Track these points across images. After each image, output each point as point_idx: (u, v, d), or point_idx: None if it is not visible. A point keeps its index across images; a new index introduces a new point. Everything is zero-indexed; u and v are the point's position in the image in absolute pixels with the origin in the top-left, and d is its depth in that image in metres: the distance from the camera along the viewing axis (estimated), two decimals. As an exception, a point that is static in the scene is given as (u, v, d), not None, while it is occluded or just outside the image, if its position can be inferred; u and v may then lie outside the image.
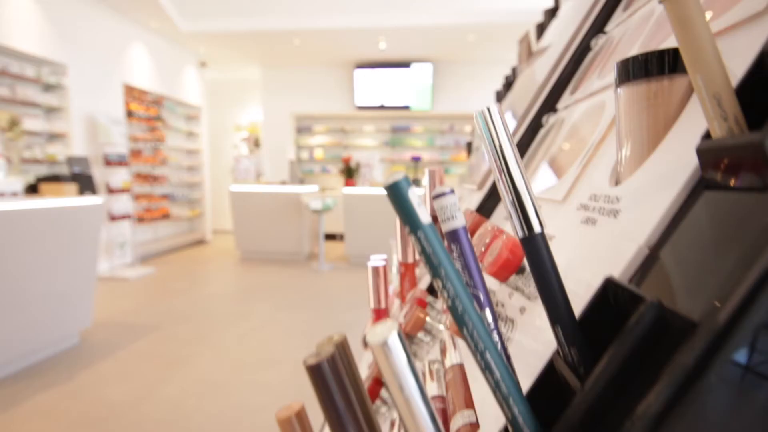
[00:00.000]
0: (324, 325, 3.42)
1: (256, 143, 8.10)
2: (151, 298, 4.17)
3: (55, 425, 2.10)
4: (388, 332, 0.11)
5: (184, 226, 7.10)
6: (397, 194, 0.13)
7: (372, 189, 5.72)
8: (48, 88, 4.54)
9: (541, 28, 0.82)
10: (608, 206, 0.21)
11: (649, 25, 0.30)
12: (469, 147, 0.85)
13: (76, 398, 2.33)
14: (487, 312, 0.17)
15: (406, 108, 7.30)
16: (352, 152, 7.95)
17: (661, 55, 0.19)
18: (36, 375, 2.57)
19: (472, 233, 0.33)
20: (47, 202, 2.67)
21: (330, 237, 7.66)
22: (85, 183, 3.12)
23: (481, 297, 0.16)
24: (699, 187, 0.16)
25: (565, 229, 0.25)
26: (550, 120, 0.42)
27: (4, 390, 2.38)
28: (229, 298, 4.23)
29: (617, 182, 0.23)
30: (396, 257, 0.51)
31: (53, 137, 4.58)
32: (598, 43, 0.42)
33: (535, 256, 0.15)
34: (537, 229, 0.15)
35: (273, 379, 2.55)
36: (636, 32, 0.33)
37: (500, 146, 0.15)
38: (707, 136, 0.16)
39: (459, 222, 0.16)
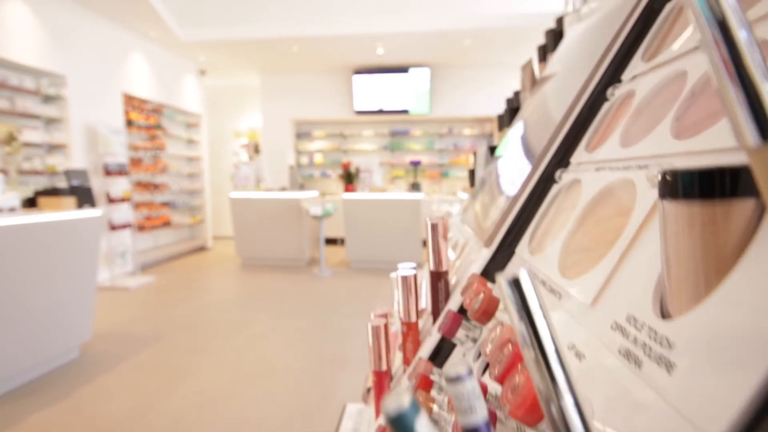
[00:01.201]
0: (325, 334, 3.39)
1: (256, 149, 8.08)
2: (151, 307, 4.15)
3: (55, 445, 2.07)
4: None
5: (185, 233, 7.08)
6: (402, 429, 0.10)
7: (372, 194, 5.69)
8: (47, 99, 4.52)
9: (543, 51, 0.79)
10: (657, 348, 0.18)
11: (683, 94, 0.27)
12: (471, 176, 0.81)
13: (76, 414, 2.30)
14: None
15: (405, 112, 7.29)
16: (352, 157, 7.93)
17: (721, 174, 0.16)
18: (35, 391, 2.54)
19: (484, 314, 0.30)
20: (45, 216, 2.65)
21: (331, 242, 7.63)
22: (83, 195, 3.09)
23: None
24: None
25: (598, 351, 0.21)
26: (563, 176, 0.39)
27: (3, 407, 2.35)
28: (229, 307, 4.20)
29: (664, 311, 0.19)
30: (397, 303, 0.47)
31: (53, 148, 4.56)
32: (615, 93, 0.38)
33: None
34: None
35: (274, 391, 2.51)
36: (665, 97, 0.29)
37: (535, 329, 0.12)
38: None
39: (480, 415, 0.12)
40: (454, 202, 5.66)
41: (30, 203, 2.95)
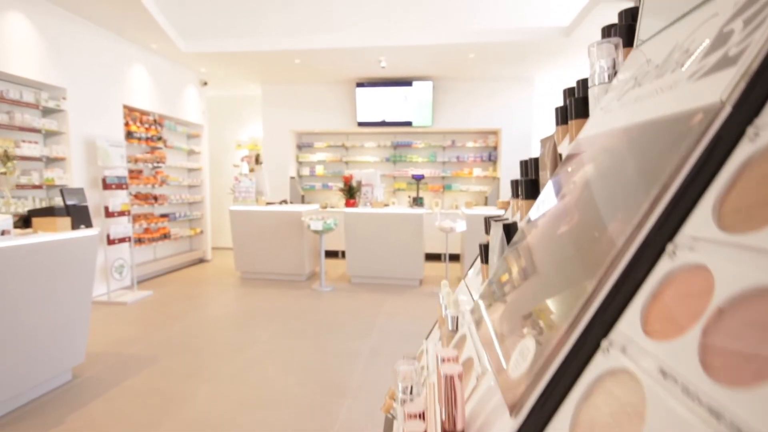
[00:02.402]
0: (325, 358, 3.31)
1: (257, 160, 8.05)
2: (147, 325, 4.07)
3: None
4: None
5: (184, 245, 7.02)
6: None
7: (373, 209, 5.63)
8: (46, 112, 4.49)
9: (564, 113, 0.73)
10: None
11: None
12: (484, 252, 0.72)
13: (65, 447, 2.23)
14: None
15: (408, 124, 7.24)
16: (354, 168, 7.89)
17: None
18: (26, 417, 2.47)
19: None
20: (39, 237, 2.59)
21: (331, 254, 7.56)
22: (79, 215, 3.03)
23: None
24: None
25: None
26: (611, 351, 0.32)
27: (-10, 438, 2.28)
28: (227, 325, 4.12)
29: None
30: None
31: (51, 161, 4.52)
32: (676, 253, 0.31)
33: None
34: None
35: (271, 422, 2.43)
36: (765, 316, 0.22)
37: None
38: None
39: None
40: (457, 218, 5.59)
41: (25, 222, 2.89)
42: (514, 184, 0.80)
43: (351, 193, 5.86)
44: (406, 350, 3.49)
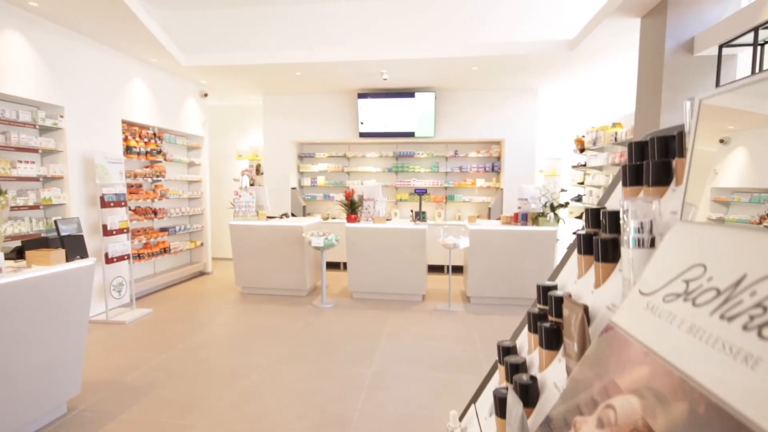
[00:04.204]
0: (326, 386, 3.23)
1: (258, 170, 7.98)
2: (145, 348, 4.00)
3: None
4: None
5: (184, 259, 6.95)
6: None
7: (375, 224, 5.55)
8: (44, 131, 4.43)
9: (587, 242, 0.64)
10: None
11: None
12: (500, 407, 0.62)
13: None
14: None
15: (411, 135, 7.16)
16: (356, 178, 7.82)
17: None
18: (18, 459, 2.41)
19: None
20: (32, 272, 2.53)
21: (333, 265, 7.49)
22: (74, 245, 2.97)
23: None
24: None
25: None
26: None
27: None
28: (227, 348, 4.05)
29: None
30: None
31: (49, 180, 4.46)
32: None
33: None
34: None
35: (270, 466, 2.36)
36: None
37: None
38: None
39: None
40: (460, 234, 5.49)
41: (18, 253, 2.83)
42: (532, 317, 0.72)
43: (353, 207, 5.78)
44: (408, 375, 3.41)
